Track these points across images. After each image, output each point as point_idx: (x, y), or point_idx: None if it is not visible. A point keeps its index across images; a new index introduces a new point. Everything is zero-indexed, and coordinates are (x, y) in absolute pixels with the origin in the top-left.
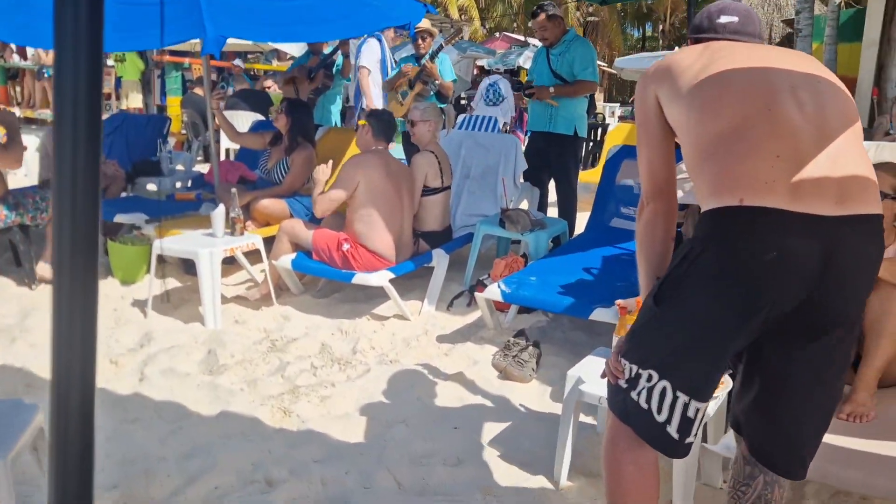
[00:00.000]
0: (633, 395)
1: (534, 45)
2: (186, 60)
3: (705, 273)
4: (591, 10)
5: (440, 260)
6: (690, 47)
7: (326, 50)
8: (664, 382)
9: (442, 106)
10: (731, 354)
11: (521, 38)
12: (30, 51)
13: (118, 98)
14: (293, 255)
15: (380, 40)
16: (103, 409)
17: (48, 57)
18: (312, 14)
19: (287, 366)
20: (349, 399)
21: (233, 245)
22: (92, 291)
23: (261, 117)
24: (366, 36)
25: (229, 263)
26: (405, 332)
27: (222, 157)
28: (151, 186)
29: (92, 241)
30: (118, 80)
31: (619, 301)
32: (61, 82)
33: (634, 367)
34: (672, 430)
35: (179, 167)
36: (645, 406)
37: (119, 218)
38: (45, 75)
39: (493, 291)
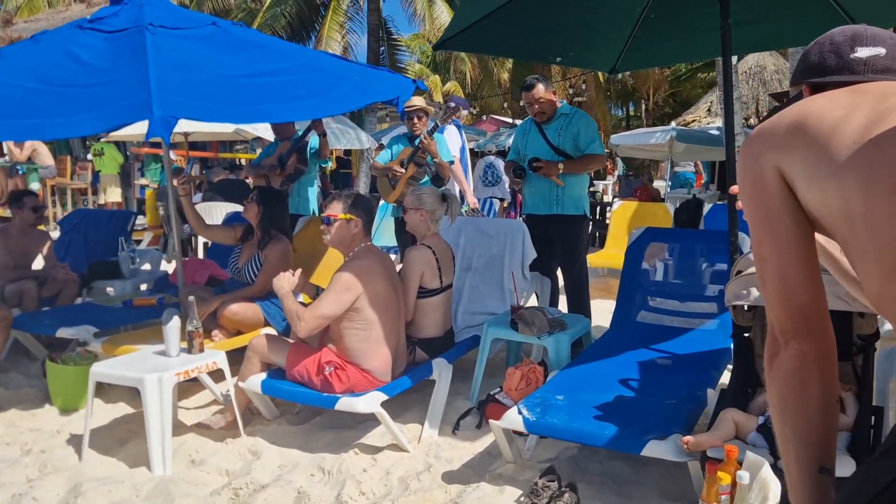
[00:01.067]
0: None
1: None
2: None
3: None
4: (574, 90)
5: (442, 372)
6: (828, 94)
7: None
8: None
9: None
10: None
11: (509, 119)
12: (4, 146)
13: (95, 193)
14: (263, 376)
15: (458, 126)
16: None
17: (21, 153)
18: (282, 91)
19: None
20: None
21: (188, 367)
22: None
23: (239, 208)
24: (434, 123)
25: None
26: (403, 469)
27: (200, 254)
28: (109, 290)
29: None
30: (96, 175)
31: (687, 439)
32: None
33: None
34: None
35: (146, 266)
36: None
37: (62, 332)
38: (19, 172)
39: (513, 419)
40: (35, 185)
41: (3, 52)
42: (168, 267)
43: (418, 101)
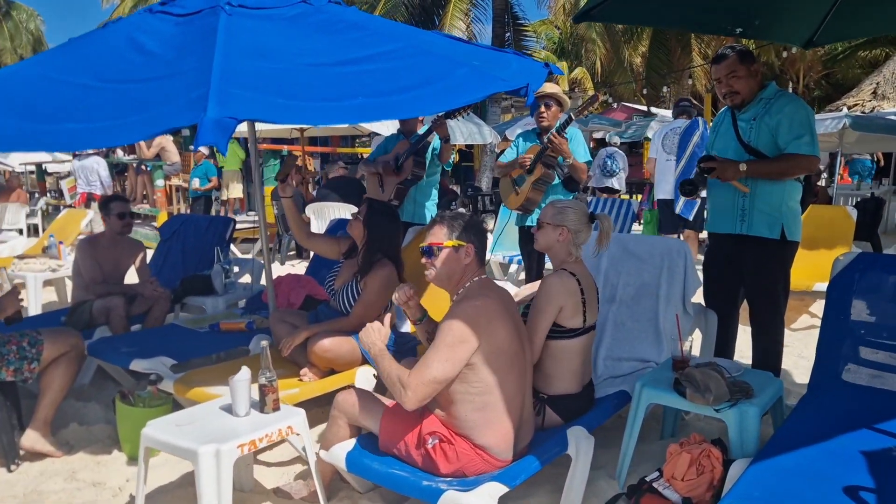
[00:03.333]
0: None
1: (661, 117)
2: (285, 148)
3: None
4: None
5: (581, 447)
6: None
7: (421, 129)
8: None
9: (571, 195)
10: None
11: (643, 107)
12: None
13: (218, 189)
14: (350, 446)
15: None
16: None
17: (149, 150)
18: (380, 82)
19: None
20: None
21: (255, 436)
22: None
23: (353, 209)
24: (568, 116)
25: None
26: None
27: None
28: (201, 309)
29: None
30: (219, 170)
31: None
32: None
33: None
34: None
35: (245, 278)
36: None
37: (136, 365)
38: (146, 169)
39: None
40: (160, 182)
41: (71, 41)
42: (289, 269)
43: (549, 87)
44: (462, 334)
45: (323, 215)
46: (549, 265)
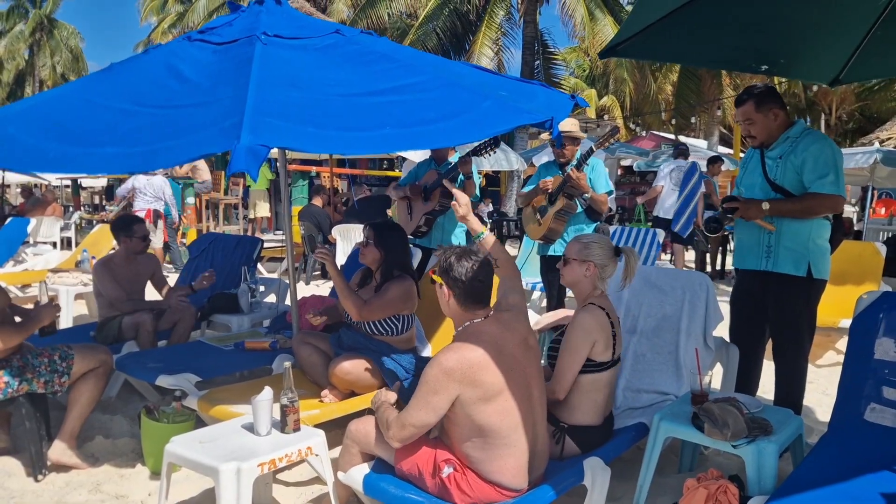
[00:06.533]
0: None
1: (693, 147)
2: (313, 169)
3: None
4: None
5: (597, 477)
6: None
7: (452, 157)
8: None
9: (593, 225)
10: None
11: (671, 136)
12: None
13: (246, 207)
14: (366, 468)
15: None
16: None
17: (181, 169)
18: (407, 113)
19: None
20: None
21: (275, 455)
22: None
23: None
24: (590, 149)
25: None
26: None
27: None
28: (226, 327)
29: None
30: (246, 190)
31: None
32: None
33: None
34: None
35: (270, 298)
36: None
37: (162, 381)
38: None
39: None
40: (191, 200)
41: (112, 66)
42: (313, 290)
43: (569, 126)
44: (437, 385)
45: (348, 237)
46: (570, 293)
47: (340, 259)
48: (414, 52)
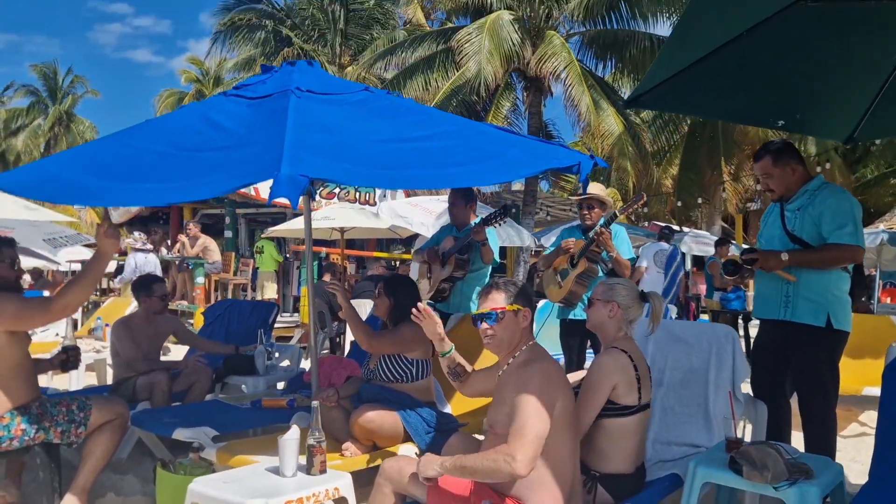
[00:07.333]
0: None
1: (693, 232)
2: (323, 250)
3: None
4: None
5: None
6: None
7: (473, 222)
8: None
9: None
10: None
11: (675, 227)
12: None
13: (254, 289)
14: None
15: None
16: None
17: (192, 249)
18: (440, 156)
19: None
20: None
21: (302, 494)
22: None
23: None
24: (613, 213)
25: None
26: None
27: (346, 352)
28: (243, 388)
29: None
30: (255, 272)
31: None
32: None
33: None
34: None
35: (285, 363)
36: None
37: (179, 434)
38: (188, 267)
39: None
40: (200, 280)
41: (149, 121)
42: (307, 364)
43: (596, 190)
44: (544, 388)
45: (360, 311)
46: (589, 361)
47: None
48: (439, 111)
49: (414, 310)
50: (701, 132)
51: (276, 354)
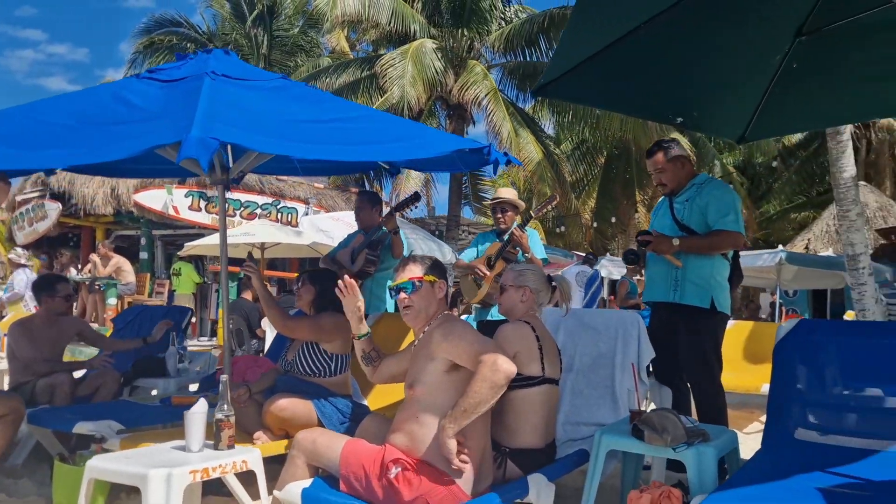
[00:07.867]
0: None
1: (609, 257)
2: (241, 270)
3: None
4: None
5: (542, 492)
6: None
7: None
8: None
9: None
10: None
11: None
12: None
13: None
14: (306, 483)
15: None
16: None
17: (104, 269)
18: (356, 134)
19: None
20: None
21: (209, 464)
22: None
23: None
24: (530, 215)
25: (218, 492)
26: None
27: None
28: (153, 392)
29: None
30: (171, 294)
31: None
32: None
33: None
34: None
35: (197, 368)
36: None
37: (80, 427)
38: (99, 288)
39: None
40: (112, 301)
41: (54, 97)
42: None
43: (507, 194)
44: (468, 328)
45: None
46: None
47: (268, 345)
48: (360, 104)
49: (340, 282)
50: (617, 164)
51: (188, 360)
